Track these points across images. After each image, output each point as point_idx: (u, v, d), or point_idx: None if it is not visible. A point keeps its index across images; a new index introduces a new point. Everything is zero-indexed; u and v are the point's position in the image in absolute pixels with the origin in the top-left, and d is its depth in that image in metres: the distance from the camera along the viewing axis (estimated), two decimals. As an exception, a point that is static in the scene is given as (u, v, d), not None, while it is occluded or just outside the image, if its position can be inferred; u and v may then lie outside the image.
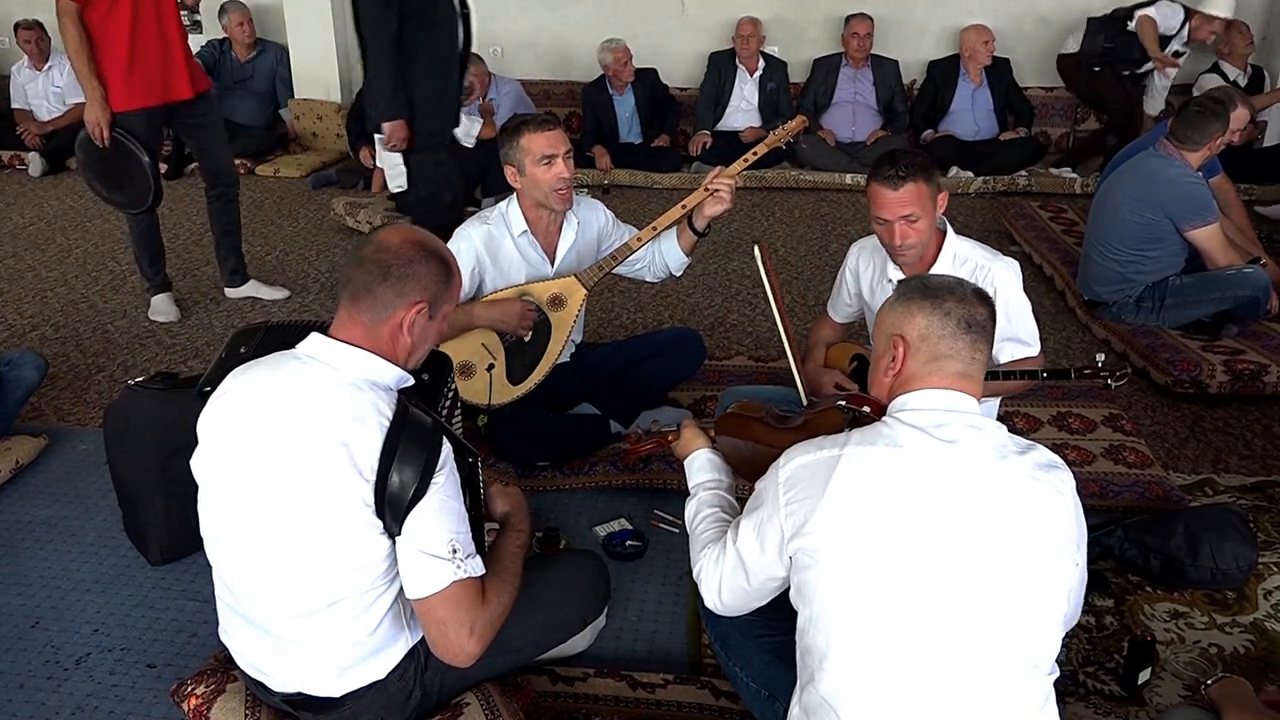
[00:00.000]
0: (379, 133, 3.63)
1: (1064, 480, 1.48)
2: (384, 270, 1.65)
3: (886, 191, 2.35)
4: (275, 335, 1.90)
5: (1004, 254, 2.53)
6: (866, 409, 1.62)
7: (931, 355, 1.51)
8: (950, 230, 2.51)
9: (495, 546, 1.90)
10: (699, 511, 1.82)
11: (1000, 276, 2.43)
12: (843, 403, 1.70)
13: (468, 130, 5.14)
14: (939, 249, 2.48)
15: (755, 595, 1.61)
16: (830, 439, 1.50)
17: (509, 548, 1.89)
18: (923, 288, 1.57)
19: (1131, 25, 5.60)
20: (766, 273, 2.41)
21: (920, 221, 2.36)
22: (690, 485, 1.92)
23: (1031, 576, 1.41)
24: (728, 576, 1.62)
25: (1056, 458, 1.51)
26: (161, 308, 4.05)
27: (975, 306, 1.54)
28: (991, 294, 2.42)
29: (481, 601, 1.68)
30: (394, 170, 3.74)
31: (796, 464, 1.50)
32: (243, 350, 1.88)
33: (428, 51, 3.50)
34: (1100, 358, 2.37)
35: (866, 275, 2.70)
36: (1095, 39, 5.72)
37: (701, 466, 1.92)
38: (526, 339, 2.80)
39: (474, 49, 3.97)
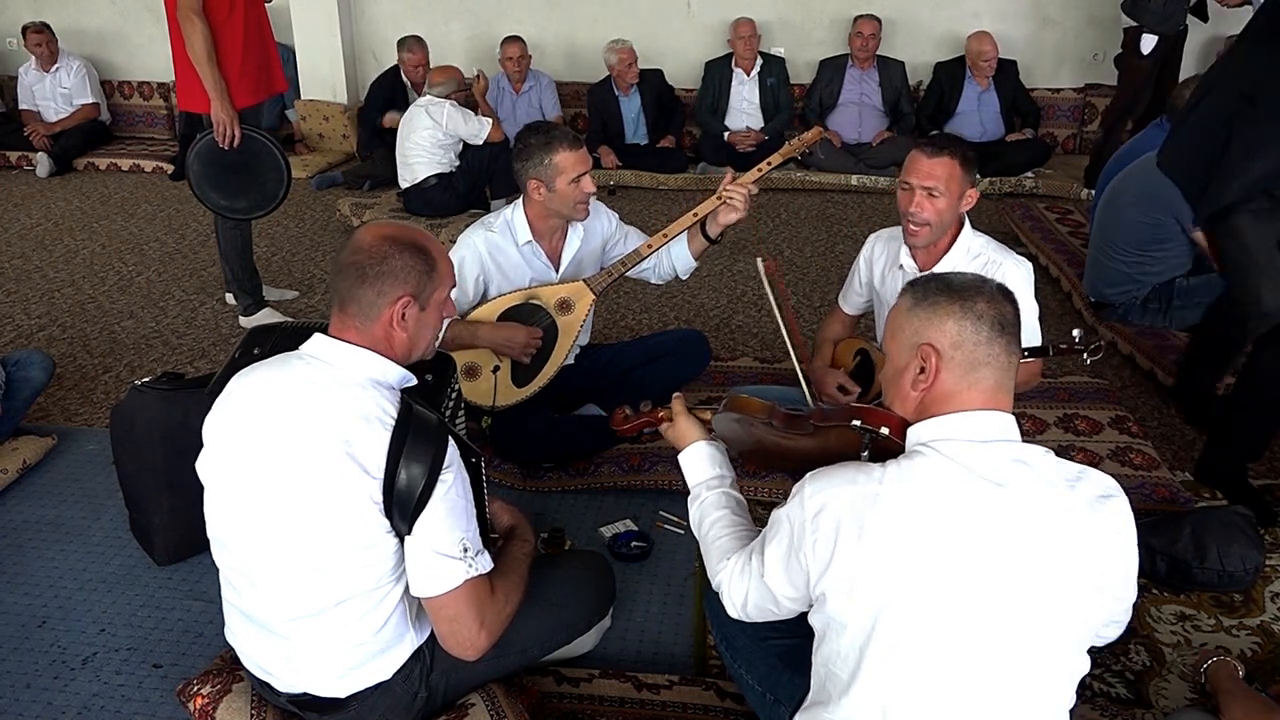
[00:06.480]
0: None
1: (1118, 512, 1.39)
2: (361, 273, 1.65)
3: (921, 157, 2.39)
4: (289, 336, 1.90)
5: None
6: (885, 430, 1.50)
7: (968, 365, 1.39)
8: (968, 225, 2.51)
9: (504, 551, 1.91)
10: (706, 515, 1.76)
11: (1011, 275, 2.42)
12: (857, 422, 1.54)
13: (477, 131, 5.17)
14: (953, 241, 2.48)
15: (781, 616, 1.56)
16: (863, 472, 1.38)
17: (517, 554, 1.91)
18: (946, 288, 1.43)
19: None
20: (772, 286, 2.33)
21: (941, 200, 2.37)
22: (690, 483, 1.83)
23: (1074, 620, 1.35)
24: (754, 597, 1.55)
25: (1110, 483, 1.41)
26: (265, 320, 3.96)
27: (1004, 305, 1.42)
28: None
29: (491, 596, 1.69)
30: None
31: (827, 497, 1.38)
32: (256, 351, 1.88)
33: None
34: (1076, 333, 2.39)
35: (879, 263, 2.70)
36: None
37: (700, 461, 1.83)
38: (527, 362, 2.80)
39: (482, 46, 3.92)
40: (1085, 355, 2.31)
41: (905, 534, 1.32)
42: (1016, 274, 2.44)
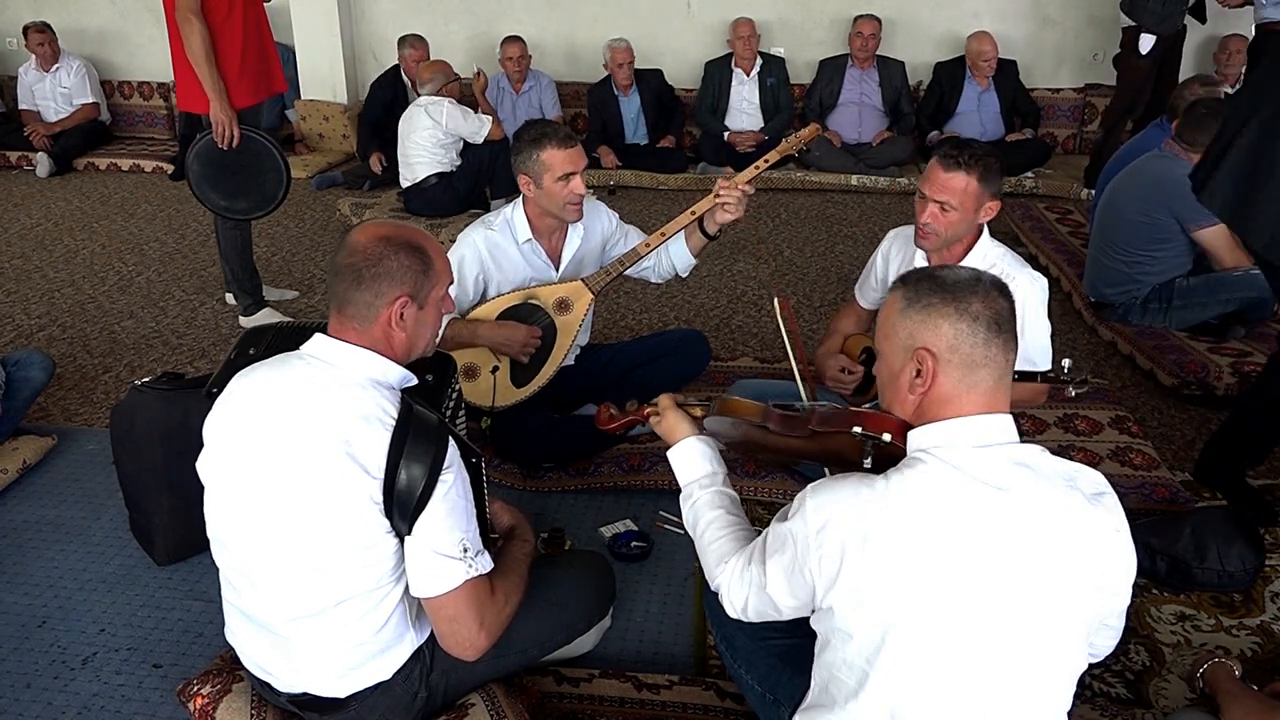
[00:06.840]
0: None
1: (1114, 509, 1.39)
2: (356, 275, 1.65)
3: (939, 169, 2.38)
4: (284, 336, 1.91)
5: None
6: (886, 436, 1.48)
7: (966, 366, 1.37)
8: (986, 234, 2.50)
9: (504, 551, 1.91)
10: (701, 515, 1.74)
11: (1022, 288, 2.36)
12: (858, 429, 1.51)
13: (477, 129, 5.17)
14: (968, 249, 2.47)
15: (782, 620, 1.54)
16: (866, 484, 1.36)
17: (516, 554, 1.91)
18: (939, 287, 1.40)
19: None
20: (786, 325, 2.30)
21: (953, 214, 2.37)
22: (681, 481, 1.79)
23: (1076, 619, 1.36)
24: (754, 603, 1.54)
25: (1101, 480, 1.41)
26: (264, 320, 3.96)
27: (999, 301, 1.40)
28: None
29: (491, 596, 1.69)
30: None
31: (830, 512, 1.36)
32: (252, 351, 1.89)
33: None
34: (1066, 363, 2.31)
35: (895, 263, 2.70)
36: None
37: (691, 458, 1.79)
38: (526, 361, 2.80)
39: (482, 46, 3.90)
40: (1070, 388, 2.28)
41: (911, 545, 1.31)
42: (1030, 291, 2.39)
